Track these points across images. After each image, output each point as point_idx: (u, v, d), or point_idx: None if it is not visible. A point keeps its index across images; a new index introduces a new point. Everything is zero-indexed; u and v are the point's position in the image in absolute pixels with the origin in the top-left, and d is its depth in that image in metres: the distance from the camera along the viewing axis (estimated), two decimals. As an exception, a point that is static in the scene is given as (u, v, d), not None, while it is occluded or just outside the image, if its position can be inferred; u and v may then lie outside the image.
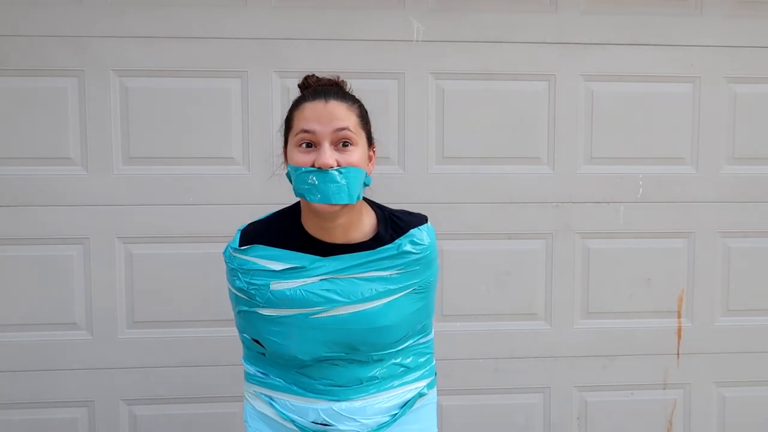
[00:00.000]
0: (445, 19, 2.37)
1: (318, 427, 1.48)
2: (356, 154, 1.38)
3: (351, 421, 1.48)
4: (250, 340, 1.52)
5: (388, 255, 1.44)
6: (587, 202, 2.46)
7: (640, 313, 2.51)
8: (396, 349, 1.50)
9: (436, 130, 2.40)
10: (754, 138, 2.50)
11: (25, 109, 2.27)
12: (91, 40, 2.27)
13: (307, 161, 1.35)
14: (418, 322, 1.52)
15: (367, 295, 1.42)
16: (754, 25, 2.46)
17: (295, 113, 1.40)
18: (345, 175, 1.34)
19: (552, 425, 2.52)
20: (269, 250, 1.44)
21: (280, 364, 1.51)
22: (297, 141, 1.38)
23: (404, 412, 1.53)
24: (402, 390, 1.54)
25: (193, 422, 2.38)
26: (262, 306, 1.44)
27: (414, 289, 1.48)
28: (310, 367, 1.48)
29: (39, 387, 2.34)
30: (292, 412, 1.50)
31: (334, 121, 1.36)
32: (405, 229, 1.47)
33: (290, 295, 1.41)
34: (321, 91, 1.40)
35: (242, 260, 1.47)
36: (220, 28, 2.30)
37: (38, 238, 2.29)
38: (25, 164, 2.28)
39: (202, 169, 2.32)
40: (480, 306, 2.46)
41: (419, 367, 1.57)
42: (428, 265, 1.50)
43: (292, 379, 1.50)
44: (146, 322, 2.35)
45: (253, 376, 1.57)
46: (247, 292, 1.45)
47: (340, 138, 1.36)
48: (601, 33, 2.43)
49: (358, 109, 1.43)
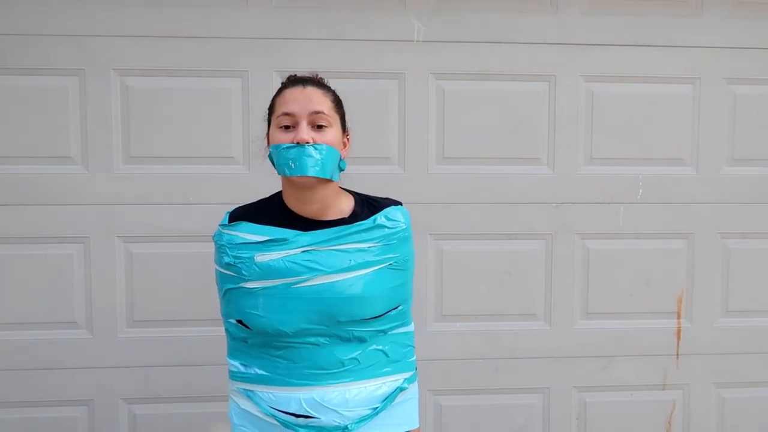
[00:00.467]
0: (446, 20, 2.37)
1: (300, 420, 1.52)
2: (330, 134, 1.53)
3: (333, 413, 1.52)
4: (235, 324, 1.58)
5: (364, 228, 1.56)
6: (587, 203, 2.46)
7: (639, 314, 2.51)
8: (376, 328, 1.55)
9: (436, 130, 2.40)
10: (754, 139, 2.50)
11: (25, 108, 2.27)
12: (91, 39, 2.27)
13: (287, 140, 1.51)
14: (397, 303, 1.59)
15: (346, 266, 1.52)
16: (755, 26, 2.46)
17: (277, 99, 1.57)
18: (319, 151, 1.49)
19: (551, 425, 2.52)
20: (255, 227, 1.57)
21: (262, 348, 1.55)
22: (278, 123, 1.53)
23: (385, 406, 1.57)
24: (382, 381, 1.58)
25: (192, 421, 2.39)
26: (247, 279, 1.53)
27: (391, 264, 1.57)
28: (291, 348, 1.53)
29: (39, 386, 2.34)
30: (274, 404, 1.54)
31: (310, 104, 1.51)
32: (379, 208, 1.61)
33: (274, 266, 1.51)
34: (299, 80, 1.58)
35: (230, 236, 1.58)
36: (220, 28, 2.30)
37: (38, 237, 2.30)
38: (26, 163, 2.28)
39: (202, 169, 2.32)
40: (480, 306, 2.46)
41: (399, 358, 1.61)
42: (404, 241, 1.61)
43: (274, 367, 1.54)
44: (146, 321, 2.35)
45: (235, 373, 1.61)
46: (234, 267, 1.54)
47: (315, 120, 1.51)
48: (602, 33, 2.43)
49: (333, 96, 1.58)
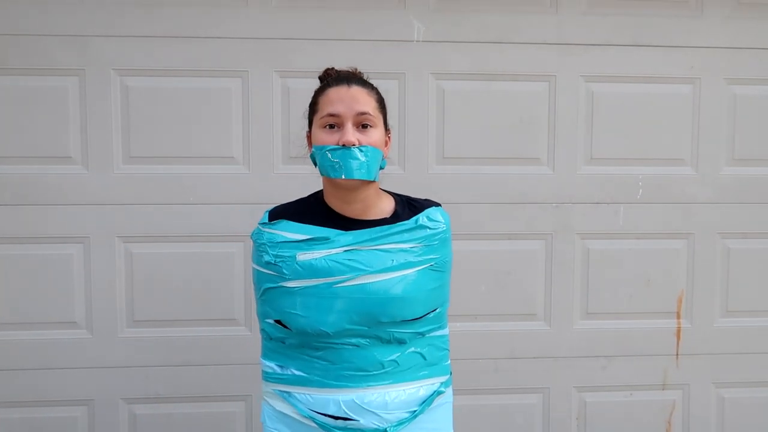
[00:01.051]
0: (446, 20, 2.37)
1: (339, 422, 1.49)
2: (375, 135, 1.51)
3: (372, 415, 1.49)
4: (273, 324, 1.55)
5: (406, 228, 1.54)
6: (587, 203, 2.46)
7: (639, 314, 2.51)
8: (416, 330, 1.53)
9: (436, 130, 2.40)
10: (754, 139, 2.50)
11: (25, 108, 2.27)
12: (92, 39, 2.27)
13: (332, 141, 1.48)
14: (436, 304, 1.57)
15: (388, 266, 1.50)
16: (755, 27, 2.46)
17: (320, 98, 1.53)
18: (365, 153, 1.47)
19: (551, 425, 2.53)
20: (296, 225, 1.54)
21: (300, 349, 1.53)
22: (322, 123, 1.50)
23: (423, 410, 1.55)
24: (421, 383, 1.56)
25: (192, 421, 2.39)
26: (288, 278, 1.50)
27: (431, 265, 1.55)
28: (331, 349, 1.50)
29: (39, 386, 2.34)
30: (312, 406, 1.51)
31: (356, 104, 1.49)
32: (421, 209, 1.59)
33: (315, 265, 1.49)
34: (344, 78, 1.53)
35: (271, 234, 1.55)
36: (220, 28, 2.30)
37: (38, 236, 2.30)
38: (26, 163, 2.28)
39: (202, 169, 2.32)
40: (480, 306, 2.46)
41: (436, 362, 1.59)
42: (444, 242, 1.59)
43: (312, 368, 1.52)
44: (146, 321, 2.35)
45: (271, 374, 1.58)
46: (275, 266, 1.52)
47: (361, 120, 1.49)
48: (602, 34, 2.43)
49: (377, 95, 1.56)
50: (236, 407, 2.39)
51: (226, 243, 2.33)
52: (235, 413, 2.39)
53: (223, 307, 2.36)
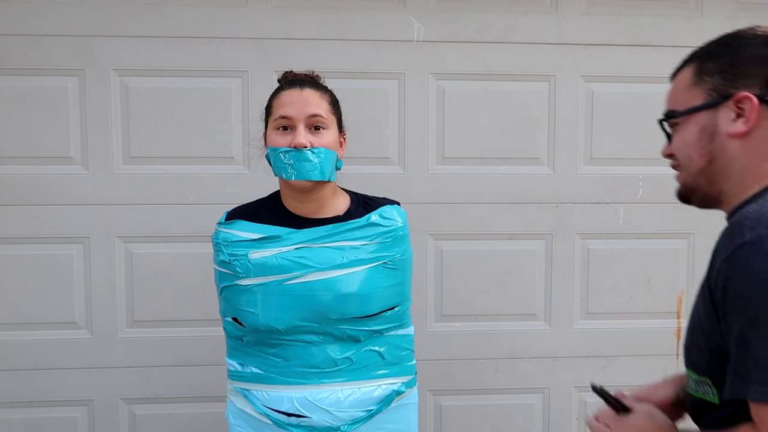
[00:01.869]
0: (446, 20, 2.37)
1: (292, 419, 1.52)
2: (327, 136, 1.53)
3: (325, 413, 1.51)
4: (231, 322, 1.59)
5: (357, 226, 1.56)
6: (587, 203, 2.46)
7: (639, 314, 2.51)
8: (369, 328, 1.54)
9: (436, 130, 2.40)
10: (754, 139, 2.50)
11: (25, 109, 2.27)
12: (91, 39, 2.27)
13: (284, 143, 1.51)
14: (392, 303, 1.57)
15: (338, 263, 1.52)
16: (755, 26, 2.46)
17: (274, 101, 1.57)
18: (317, 155, 1.49)
19: (551, 425, 2.52)
20: (250, 225, 1.58)
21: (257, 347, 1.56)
22: (275, 125, 1.53)
23: (380, 409, 1.56)
24: (378, 382, 1.57)
25: (192, 422, 2.39)
26: (241, 276, 1.53)
27: (385, 263, 1.56)
28: (285, 346, 1.53)
29: (39, 386, 2.34)
30: (268, 403, 1.54)
31: (307, 107, 1.51)
32: (375, 207, 1.60)
33: (267, 263, 1.52)
34: (297, 82, 1.57)
35: (226, 234, 1.59)
36: (220, 28, 2.30)
37: (38, 237, 2.30)
38: (26, 163, 2.28)
39: (202, 169, 2.32)
40: (480, 306, 2.46)
41: (396, 361, 1.60)
42: (399, 240, 1.59)
43: (268, 365, 1.55)
44: (146, 322, 2.35)
45: (233, 372, 1.62)
46: (229, 264, 1.55)
47: (313, 122, 1.51)
48: (601, 34, 2.43)
49: (330, 97, 1.58)
50: (236, 407, 2.39)
51: (226, 243, 2.33)
52: (235, 413, 2.39)
53: (223, 307, 2.36)
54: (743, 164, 1.05)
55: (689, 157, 1.10)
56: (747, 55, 1.05)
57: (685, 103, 1.09)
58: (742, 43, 1.07)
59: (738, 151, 1.05)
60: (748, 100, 1.02)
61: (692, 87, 1.09)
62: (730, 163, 1.06)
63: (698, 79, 1.08)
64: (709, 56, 1.09)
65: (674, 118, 1.12)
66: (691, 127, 1.08)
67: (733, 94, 1.03)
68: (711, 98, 1.06)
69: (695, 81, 1.08)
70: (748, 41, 1.06)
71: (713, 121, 1.06)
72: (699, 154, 1.08)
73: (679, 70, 1.14)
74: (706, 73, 1.07)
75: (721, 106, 1.05)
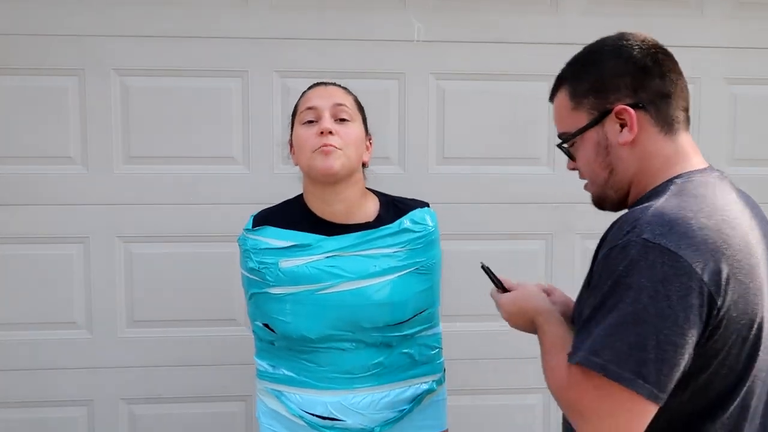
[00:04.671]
0: (446, 19, 2.37)
1: (326, 422, 1.50)
2: (353, 129, 1.53)
3: (358, 416, 1.50)
4: (261, 327, 1.56)
5: (390, 233, 1.52)
6: (587, 203, 2.44)
7: (639, 314, 2.50)
8: (402, 333, 1.52)
9: (436, 130, 2.40)
10: (754, 139, 2.50)
11: (25, 108, 2.27)
12: (91, 39, 2.27)
13: (310, 134, 1.49)
14: (423, 306, 1.56)
15: (371, 272, 1.49)
16: (755, 27, 2.46)
17: (300, 100, 1.58)
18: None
19: (551, 425, 2.52)
20: (279, 231, 1.53)
21: (288, 351, 1.53)
22: (301, 119, 1.53)
23: (412, 408, 1.55)
24: (409, 383, 1.56)
25: (193, 422, 2.38)
26: (271, 285, 1.50)
27: (417, 269, 1.54)
28: (317, 352, 1.50)
29: (38, 386, 2.34)
30: (302, 406, 1.52)
31: (332, 97, 1.53)
32: (406, 211, 1.57)
33: (297, 272, 1.48)
34: (322, 82, 1.61)
35: (255, 240, 1.55)
36: (220, 28, 2.30)
37: (38, 237, 2.29)
38: (26, 163, 2.28)
39: (202, 169, 2.32)
40: (480, 306, 2.45)
41: (426, 361, 1.59)
42: (431, 245, 1.57)
43: (300, 369, 1.52)
44: (146, 322, 2.35)
45: (263, 372, 1.59)
46: (259, 272, 1.52)
47: (338, 112, 1.51)
48: (602, 34, 2.39)
49: (354, 97, 1.60)
50: (236, 407, 2.39)
51: (226, 243, 2.32)
52: (235, 413, 2.39)
53: (223, 307, 2.35)
54: (639, 167, 1.15)
55: (593, 171, 1.20)
56: (608, 72, 1.15)
57: (572, 125, 1.18)
58: (603, 59, 1.18)
59: (631, 157, 1.15)
60: (625, 112, 1.12)
61: (573, 110, 1.18)
62: (627, 169, 1.16)
63: (576, 102, 1.18)
64: (577, 78, 1.19)
65: (568, 140, 1.20)
66: (587, 144, 1.18)
67: (611, 108, 1.12)
68: (593, 117, 1.15)
69: (574, 104, 1.18)
70: (608, 57, 1.17)
71: (603, 135, 1.15)
72: (600, 167, 1.19)
73: (554, 94, 1.24)
74: (580, 95, 1.17)
75: (604, 120, 1.14)
